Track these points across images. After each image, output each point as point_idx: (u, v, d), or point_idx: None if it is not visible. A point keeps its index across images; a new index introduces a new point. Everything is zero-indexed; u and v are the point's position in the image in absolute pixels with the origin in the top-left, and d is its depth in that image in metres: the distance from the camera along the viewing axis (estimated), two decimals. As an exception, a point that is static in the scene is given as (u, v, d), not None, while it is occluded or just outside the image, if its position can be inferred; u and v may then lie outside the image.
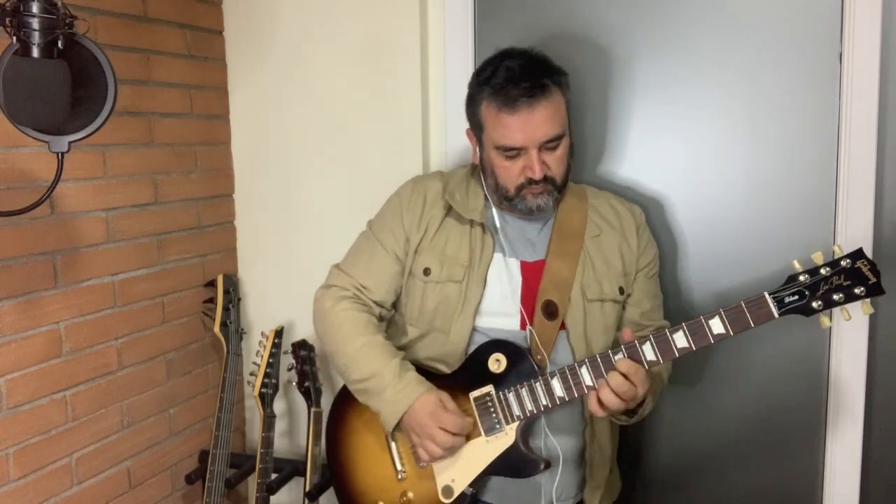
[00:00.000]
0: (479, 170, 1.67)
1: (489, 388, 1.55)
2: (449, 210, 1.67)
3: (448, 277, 1.62)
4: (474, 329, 1.61)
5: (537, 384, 1.52)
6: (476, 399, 1.56)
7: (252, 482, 2.14)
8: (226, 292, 2.16)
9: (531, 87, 1.50)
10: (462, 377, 1.59)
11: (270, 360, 2.12)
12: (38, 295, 1.69)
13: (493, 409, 1.55)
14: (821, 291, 1.40)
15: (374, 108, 2.12)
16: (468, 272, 1.61)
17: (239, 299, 2.23)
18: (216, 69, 2.23)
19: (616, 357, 1.47)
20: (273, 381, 2.12)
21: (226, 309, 2.15)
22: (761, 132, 1.86)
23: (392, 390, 1.55)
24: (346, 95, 2.14)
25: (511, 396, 1.54)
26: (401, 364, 1.59)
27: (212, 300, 2.18)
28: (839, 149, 1.79)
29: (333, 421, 1.77)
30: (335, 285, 1.70)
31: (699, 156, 1.91)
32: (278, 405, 2.25)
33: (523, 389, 1.53)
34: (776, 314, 1.41)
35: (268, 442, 2.07)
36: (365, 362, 1.59)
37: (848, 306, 1.41)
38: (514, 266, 1.63)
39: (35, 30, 1.21)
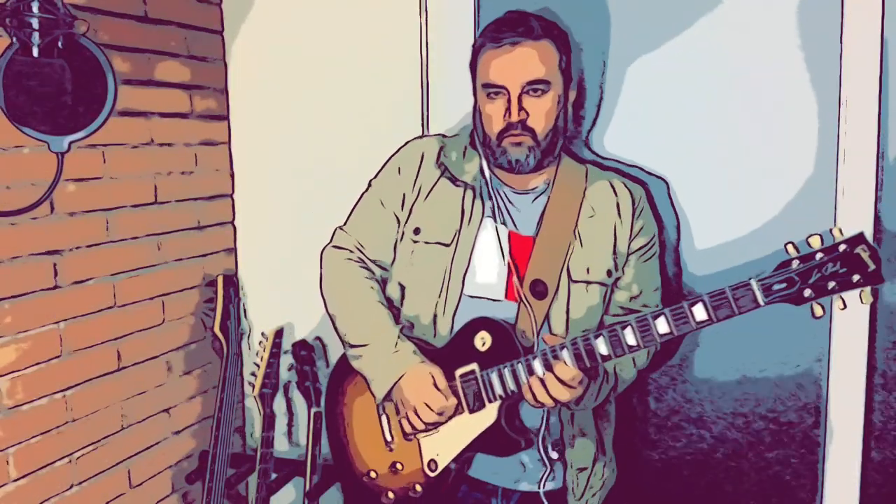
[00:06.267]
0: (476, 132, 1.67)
1: (474, 366, 1.56)
2: (443, 171, 1.68)
3: (437, 238, 1.64)
4: (461, 295, 1.63)
5: (519, 365, 1.52)
6: (461, 376, 1.57)
7: (252, 482, 2.14)
8: (226, 292, 2.16)
9: (520, 29, 1.53)
10: (450, 352, 1.60)
11: (270, 360, 2.12)
12: (38, 295, 1.69)
13: (476, 388, 1.57)
14: (813, 279, 1.29)
15: (373, 107, 2.12)
16: (457, 235, 1.63)
17: (239, 299, 2.23)
18: (216, 69, 2.23)
19: (596, 340, 1.45)
20: (273, 381, 2.12)
21: (226, 309, 2.15)
22: (760, 130, 1.86)
23: (386, 359, 1.58)
24: (346, 95, 2.14)
25: (494, 376, 1.54)
26: (399, 335, 1.61)
27: (212, 300, 2.18)
28: (839, 148, 1.79)
29: (333, 386, 1.80)
30: (342, 247, 1.73)
31: (700, 150, 1.91)
32: (278, 405, 2.25)
33: (506, 370, 1.53)
34: (762, 302, 1.32)
35: (268, 442, 2.07)
36: (365, 328, 1.63)
37: (845, 294, 1.29)
38: (504, 234, 1.63)
39: (35, 30, 1.22)
